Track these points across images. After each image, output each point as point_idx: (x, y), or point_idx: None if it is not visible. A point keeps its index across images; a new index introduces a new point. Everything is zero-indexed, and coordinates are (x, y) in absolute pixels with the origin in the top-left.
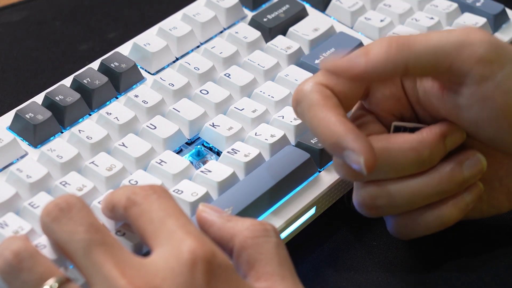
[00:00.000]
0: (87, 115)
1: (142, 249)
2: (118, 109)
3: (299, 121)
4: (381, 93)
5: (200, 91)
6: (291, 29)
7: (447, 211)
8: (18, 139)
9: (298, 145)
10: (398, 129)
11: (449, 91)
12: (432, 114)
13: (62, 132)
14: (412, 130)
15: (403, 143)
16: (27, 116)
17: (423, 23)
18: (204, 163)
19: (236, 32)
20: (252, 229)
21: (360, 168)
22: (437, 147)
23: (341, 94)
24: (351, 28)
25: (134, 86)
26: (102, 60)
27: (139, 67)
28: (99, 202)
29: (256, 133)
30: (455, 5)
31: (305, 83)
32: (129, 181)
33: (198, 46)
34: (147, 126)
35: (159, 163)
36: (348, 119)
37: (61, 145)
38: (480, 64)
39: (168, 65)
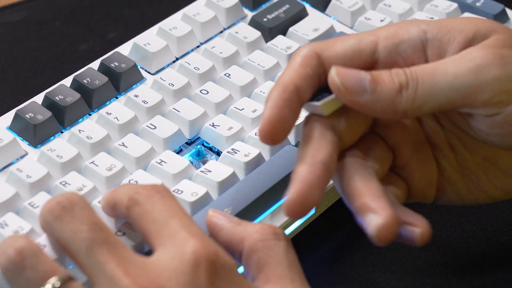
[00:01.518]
0: (87, 115)
1: (144, 249)
2: (118, 109)
3: (298, 121)
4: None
5: (200, 91)
6: (291, 29)
7: None
8: (18, 139)
9: (298, 145)
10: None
11: (454, 114)
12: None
13: (62, 132)
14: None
15: None
16: (27, 116)
17: None
18: (204, 163)
19: (236, 32)
20: (262, 233)
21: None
22: None
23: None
24: (351, 28)
25: (134, 86)
26: (102, 60)
27: (139, 67)
28: (99, 202)
29: (256, 133)
30: (455, 5)
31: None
32: (129, 181)
33: (198, 46)
34: (147, 126)
35: (159, 163)
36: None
37: (61, 145)
38: (487, 107)
39: (168, 65)
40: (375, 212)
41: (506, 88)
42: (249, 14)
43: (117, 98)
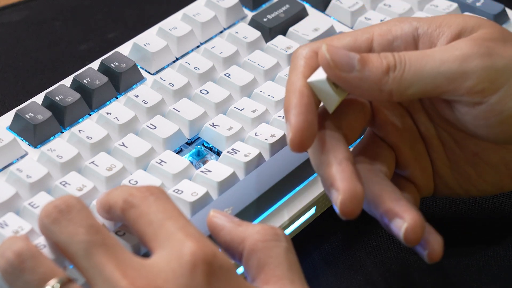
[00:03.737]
0: (87, 115)
1: (140, 250)
2: (118, 109)
3: None
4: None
5: (200, 91)
6: (291, 29)
7: None
8: (18, 139)
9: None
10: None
11: (441, 104)
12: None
13: (62, 132)
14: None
15: None
16: (27, 116)
17: None
18: (204, 163)
19: (236, 32)
20: (262, 233)
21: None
22: None
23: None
24: (351, 28)
25: (134, 86)
26: (102, 60)
27: (139, 67)
28: None
29: (256, 133)
30: (455, 5)
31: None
32: (129, 181)
33: (198, 46)
34: (147, 126)
35: (159, 163)
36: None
37: (61, 145)
38: (471, 94)
39: (168, 65)
40: (400, 216)
41: (490, 77)
42: (249, 14)
43: (117, 98)
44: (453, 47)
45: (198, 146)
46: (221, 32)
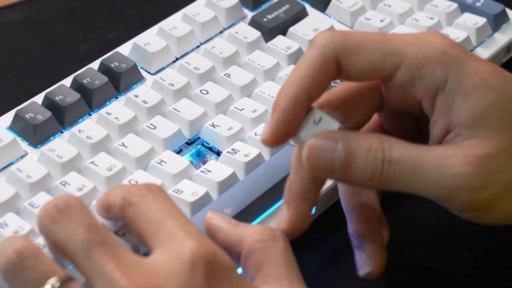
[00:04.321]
0: (87, 115)
1: (140, 250)
2: (118, 109)
3: None
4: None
5: (200, 91)
6: (291, 29)
7: None
8: (18, 139)
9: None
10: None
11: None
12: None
13: (62, 132)
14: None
15: None
16: (27, 116)
17: (423, 23)
18: (204, 163)
19: (236, 32)
20: (260, 233)
21: None
22: None
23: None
24: (351, 28)
25: (134, 86)
26: (102, 60)
27: (139, 67)
28: None
29: (256, 133)
30: (455, 5)
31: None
32: (129, 181)
33: (198, 46)
34: (147, 126)
35: (159, 163)
36: None
37: (61, 145)
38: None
39: (168, 65)
40: (368, 258)
41: (477, 207)
42: (249, 14)
43: (117, 98)
44: (447, 165)
45: (198, 146)
46: (221, 32)
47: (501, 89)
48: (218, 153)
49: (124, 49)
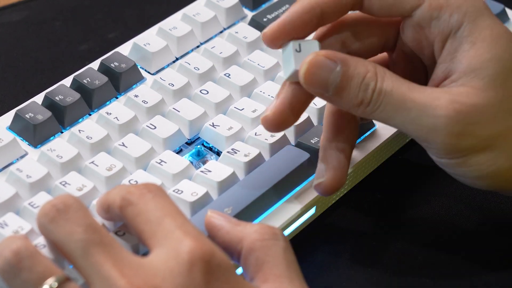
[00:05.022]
0: (87, 115)
1: (139, 250)
2: (118, 109)
3: (298, 121)
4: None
5: (200, 91)
6: None
7: None
8: (18, 139)
9: (298, 145)
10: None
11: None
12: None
13: (62, 132)
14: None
15: None
16: (27, 116)
17: None
18: (204, 163)
19: (236, 32)
20: (260, 232)
21: None
22: None
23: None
24: None
25: (134, 86)
26: (102, 60)
27: (139, 67)
28: None
29: (256, 133)
30: None
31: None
32: (129, 181)
33: (198, 46)
34: (147, 126)
35: (159, 163)
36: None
37: (61, 145)
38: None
39: (168, 65)
40: (326, 171)
41: (455, 150)
42: (249, 14)
43: (117, 98)
44: (435, 105)
45: (198, 146)
46: (221, 32)
47: (507, 48)
48: (218, 153)
49: (124, 49)
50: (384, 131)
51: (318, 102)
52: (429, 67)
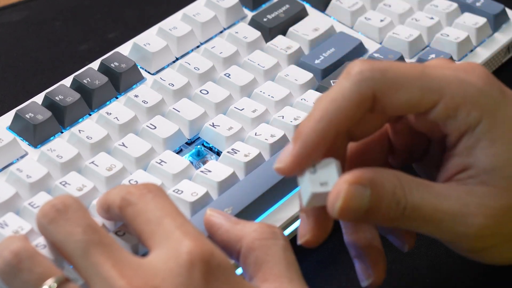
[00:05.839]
0: (87, 115)
1: (139, 250)
2: (118, 109)
3: (299, 121)
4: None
5: (200, 91)
6: (291, 29)
7: None
8: (18, 139)
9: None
10: None
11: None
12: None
13: (62, 132)
14: None
15: None
16: (27, 116)
17: (423, 23)
18: (204, 163)
19: (236, 32)
20: (260, 231)
21: None
22: None
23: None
24: (351, 28)
25: (134, 86)
26: (102, 60)
27: (139, 67)
28: None
29: (256, 133)
30: (455, 5)
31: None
32: (129, 181)
33: (198, 46)
34: (147, 126)
35: (159, 163)
36: None
37: (61, 145)
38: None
39: (168, 65)
40: (370, 268)
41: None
42: (249, 14)
43: (117, 98)
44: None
45: (198, 146)
46: (221, 32)
47: None
48: (218, 153)
49: (124, 49)
50: None
51: None
52: (436, 141)
